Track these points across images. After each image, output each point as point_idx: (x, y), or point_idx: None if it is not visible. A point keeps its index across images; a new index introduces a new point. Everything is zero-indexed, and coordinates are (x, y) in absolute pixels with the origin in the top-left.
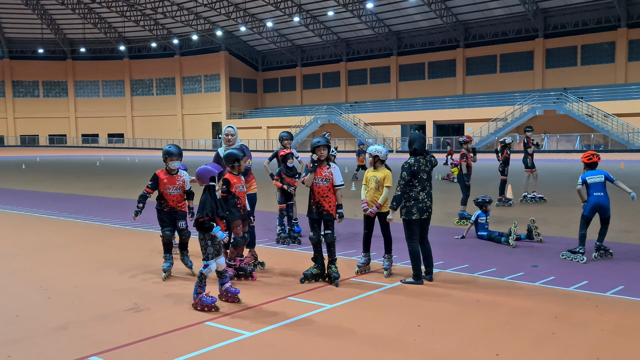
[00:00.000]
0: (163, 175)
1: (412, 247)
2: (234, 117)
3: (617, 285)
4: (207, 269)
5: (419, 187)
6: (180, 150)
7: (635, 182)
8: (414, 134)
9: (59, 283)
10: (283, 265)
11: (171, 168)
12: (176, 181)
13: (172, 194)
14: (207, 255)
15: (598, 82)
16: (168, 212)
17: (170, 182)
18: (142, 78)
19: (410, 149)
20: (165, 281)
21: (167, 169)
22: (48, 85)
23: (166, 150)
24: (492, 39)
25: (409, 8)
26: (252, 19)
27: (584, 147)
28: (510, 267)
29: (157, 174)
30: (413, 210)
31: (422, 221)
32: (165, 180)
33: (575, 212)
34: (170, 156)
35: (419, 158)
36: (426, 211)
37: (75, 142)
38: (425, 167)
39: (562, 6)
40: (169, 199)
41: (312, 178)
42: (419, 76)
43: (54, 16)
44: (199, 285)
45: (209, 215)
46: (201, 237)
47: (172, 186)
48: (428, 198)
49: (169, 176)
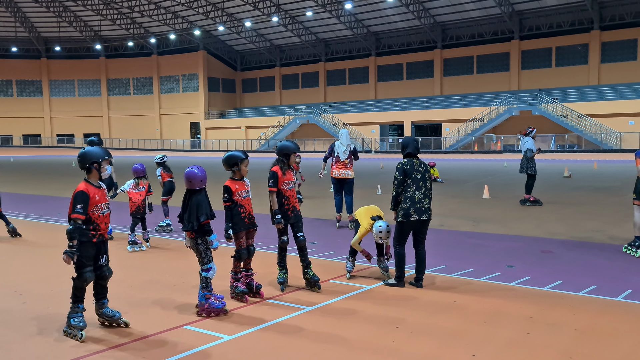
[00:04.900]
0: (93, 191)
1: (399, 250)
2: (213, 117)
3: (590, 285)
4: (211, 272)
5: (414, 187)
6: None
7: (608, 182)
8: (407, 138)
9: (34, 288)
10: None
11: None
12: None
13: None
14: (206, 258)
15: (572, 84)
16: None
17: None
18: (119, 77)
19: (403, 153)
20: (141, 285)
21: (96, 178)
22: (22, 84)
23: (95, 153)
24: (469, 40)
25: (387, 9)
26: (230, 19)
27: (558, 147)
28: (486, 267)
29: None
30: (410, 211)
31: (420, 224)
32: (98, 196)
33: (555, 211)
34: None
35: (412, 159)
36: (425, 212)
37: (51, 142)
38: (420, 168)
39: (537, 8)
40: (101, 221)
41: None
42: (397, 77)
43: (27, 14)
44: (206, 289)
45: (209, 217)
46: (198, 241)
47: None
48: (425, 199)
49: (97, 189)
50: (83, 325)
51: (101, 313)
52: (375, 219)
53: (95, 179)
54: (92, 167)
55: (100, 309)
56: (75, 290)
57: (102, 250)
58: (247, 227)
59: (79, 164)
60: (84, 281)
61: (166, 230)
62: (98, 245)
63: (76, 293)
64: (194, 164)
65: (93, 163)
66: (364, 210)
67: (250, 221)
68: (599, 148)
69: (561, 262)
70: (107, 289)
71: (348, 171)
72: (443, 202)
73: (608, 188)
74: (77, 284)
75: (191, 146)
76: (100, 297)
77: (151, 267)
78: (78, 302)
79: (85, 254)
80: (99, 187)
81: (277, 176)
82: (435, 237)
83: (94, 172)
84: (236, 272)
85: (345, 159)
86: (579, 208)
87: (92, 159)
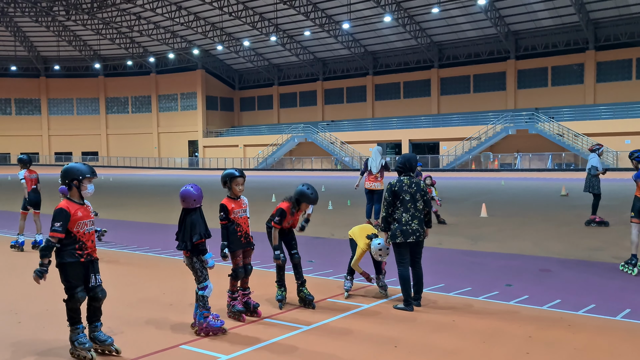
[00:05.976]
0: (74, 208)
1: (401, 271)
2: (211, 135)
3: (589, 304)
4: (208, 290)
5: (402, 209)
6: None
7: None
8: (405, 155)
9: (29, 306)
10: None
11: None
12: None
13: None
14: (202, 277)
15: (568, 103)
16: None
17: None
18: (118, 96)
19: (396, 169)
20: (136, 304)
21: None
22: (21, 102)
23: (77, 169)
24: (465, 59)
25: (384, 29)
26: (229, 38)
27: (555, 165)
28: (485, 286)
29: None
30: (397, 233)
31: (411, 245)
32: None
33: (553, 230)
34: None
35: (402, 179)
36: (412, 234)
37: (48, 161)
38: (409, 189)
39: (532, 29)
40: (87, 239)
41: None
42: (394, 95)
43: (27, 33)
44: (203, 308)
45: (204, 237)
46: (194, 260)
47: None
48: (413, 220)
49: (79, 206)
50: (89, 345)
51: (94, 337)
52: (371, 237)
53: (76, 197)
54: (72, 184)
55: (93, 332)
56: (70, 312)
57: (92, 270)
58: (243, 246)
59: (60, 180)
60: (77, 302)
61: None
62: (86, 265)
63: (72, 315)
64: (189, 183)
65: (73, 180)
66: (358, 229)
67: (247, 240)
68: None
69: (559, 280)
70: (101, 312)
71: (378, 183)
72: None
73: (605, 207)
74: (70, 305)
75: (189, 164)
76: (94, 319)
77: (147, 286)
78: (76, 324)
79: (74, 275)
80: (82, 204)
81: (284, 215)
82: (433, 255)
83: (74, 190)
84: (233, 290)
85: (376, 173)
86: (577, 226)
87: (72, 176)
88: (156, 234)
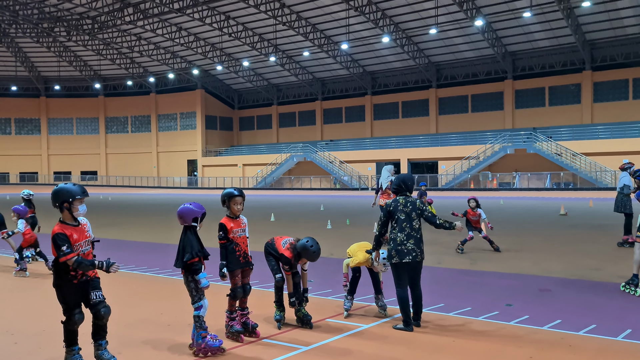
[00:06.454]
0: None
1: (399, 292)
2: (210, 154)
3: (589, 324)
4: (203, 309)
5: (397, 228)
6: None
7: (604, 220)
8: (400, 175)
9: (26, 327)
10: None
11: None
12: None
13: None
14: (197, 297)
15: (566, 122)
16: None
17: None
18: (117, 115)
19: (393, 190)
20: (134, 324)
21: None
22: (20, 122)
23: (68, 190)
24: (463, 80)
25: (382, 49)
26: (228, 58)
27: (554, 185)
28: (484, 306)
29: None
30: (392, 253)
31: (408, 265)
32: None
33: (552, 249)
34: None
35: (398, 198)
36: (407, 255)
37: (47, 180)
38: (405, 208)
39: (529, 49)
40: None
41: None
42: (393, 115)
43: (28, 54)
44: (200, 328)
45: (197, 256)
46: (189, 279)
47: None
48: (408, 240)
49: (73, 228)
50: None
51: (97, 355)
52: (370, 252)
53: (69, 219)
54: (63, 206)
55: (97, 351)
56: (67, 333)
57: (91, 287)
58: (242, 266)
59: (51, 202)
60: (74, 324)
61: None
62: (81, 286)
63: (68, 336)
64: (188, 201)
65: (63, 203)
66: (357, 246)
67: (246, 260)
68: (594, 186)
69: (560, 300)
70: (106, 330)
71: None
72: (439, 239)
73: (604, 226)
74: (67, 327)
75: (188, 183)
76: (98, 337)
77: (145, 306)
78: (72, 345)
79: (71, 295)
80: (76, 225)
81: (289, 263)
82: (432, 274)
83: (65, 212)
84: (232, 311)
85: (386, 189)
86: (576, 246)
87: (62, 198)
88: (154, 253)
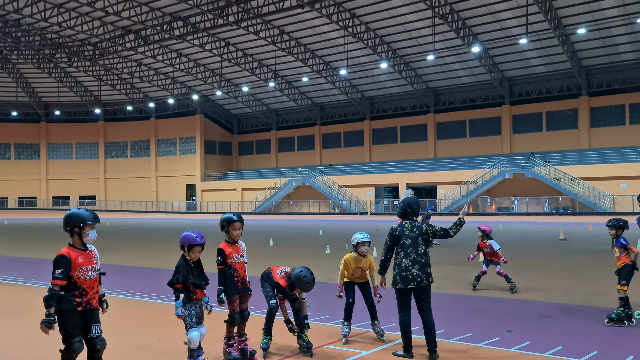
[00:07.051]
0: (75, 254)
1: (401, 318)
2: (209, 179)
3: (590, 351)
4: (192, 341)
5: (402, 254)
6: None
7: (603, 245)
8: (406, 199)
9: (21, 354)
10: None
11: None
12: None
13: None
14: (188, 325)
15: (563, 147)
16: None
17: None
18: (117, 140)
19: (398, 214)
20: (132, 351)
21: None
22: (20, 147)
23: (79, 215)
24: (461, 105)
25: (380, 75)
26: (228, 84)
27: (552, 209)
28: (485, 332)
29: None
30: (397, 278)
31: (414, 291)
32: (81, 259)
33: (552, 275)
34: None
35: (404, 223)
36: (412, 280)
37: (46, 205)
38: (410, 233)
39: (526, 75)
40: (88, 286)
41: None
42: (391, 140)
43: (29, 80)
44: (191, 357)
45: (179, 282)
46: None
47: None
48: (414, 266)
49: (80, 252)
50: None
51: None
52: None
53: (78, 243)
54: (73, 231)
55: None
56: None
57: (92, 320)
58: (240, 292)
59: (63, 226)
60: (73, 352)
61: None
62: (85, 314)
63: None
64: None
65: (74, 227)
66: (353, 255)
67: (244, 285)
68: (593, 211)
69: (560, 326)
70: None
71: None
72: (439, 264)
73: (604, 251)
74: (65, 356)
75: (187, 208)
76: None
77: (142, 332)
78: None
79: (71, 323)
80: (84, 250)
81: (284, 292)
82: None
83: (75, 237)
84: (229, 337)
85: None
86: (576, 271)
87: (73, 223)
88: (152, 279)
